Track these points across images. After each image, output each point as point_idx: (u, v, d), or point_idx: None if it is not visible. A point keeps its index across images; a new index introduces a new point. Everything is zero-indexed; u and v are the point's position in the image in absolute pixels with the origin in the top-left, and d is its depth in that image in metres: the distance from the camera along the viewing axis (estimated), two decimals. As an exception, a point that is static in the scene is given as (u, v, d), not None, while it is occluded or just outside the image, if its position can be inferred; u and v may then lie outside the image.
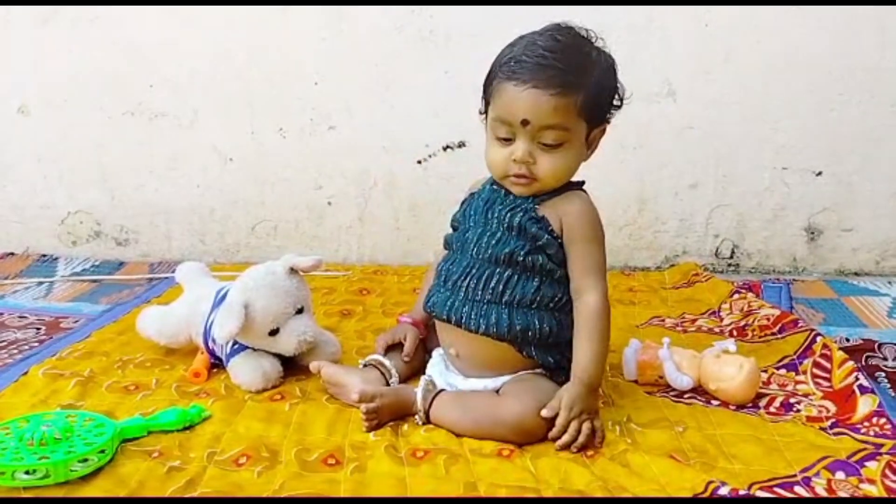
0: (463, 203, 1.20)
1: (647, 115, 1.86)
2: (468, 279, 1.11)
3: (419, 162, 1.94)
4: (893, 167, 1.83)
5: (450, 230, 1.21)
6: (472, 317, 1.10)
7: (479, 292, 1.10)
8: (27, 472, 0.94)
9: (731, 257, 1.94)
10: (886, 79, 1.78)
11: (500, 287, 1.09)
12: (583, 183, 1.15)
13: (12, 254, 2.06)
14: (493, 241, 1.10)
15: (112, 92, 1.98)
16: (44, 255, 2.06)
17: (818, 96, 1.81)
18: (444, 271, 1.16)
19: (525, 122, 1.05)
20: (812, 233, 1.89)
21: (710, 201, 1.90)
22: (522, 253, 1.08)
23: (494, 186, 1.15)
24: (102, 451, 0.99)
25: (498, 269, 1.09)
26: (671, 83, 1.84)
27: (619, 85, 1.12)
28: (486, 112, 1.13)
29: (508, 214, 1.10)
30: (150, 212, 2.05)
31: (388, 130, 1.93)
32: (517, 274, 1.09)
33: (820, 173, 1.85)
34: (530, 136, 1.06)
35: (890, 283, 1.79)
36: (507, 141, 1.08)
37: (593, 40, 1.11)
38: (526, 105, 1.04)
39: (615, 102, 1.12)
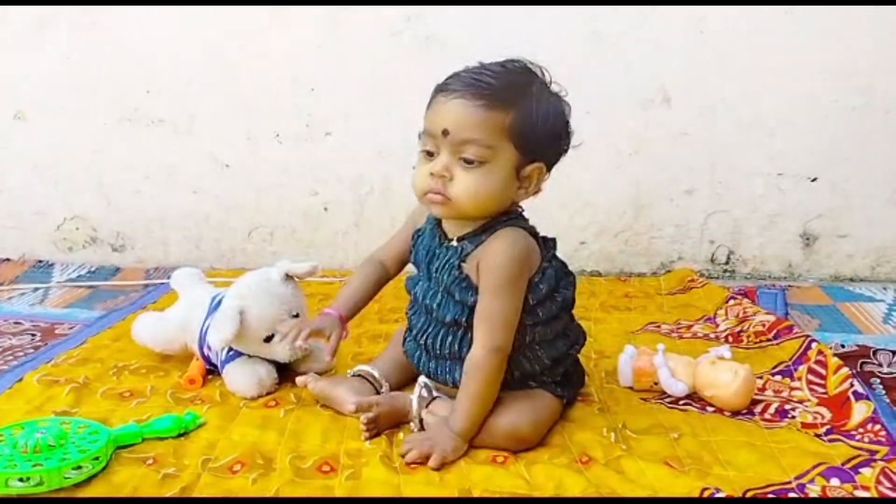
0: (414, 238, 1.16)
1: (643, 121, 1.86)
2: (426, 337, 1.10)
3: (415, 168, 1.93)
4: (888, 173, 1.84)
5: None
6: (440, 372, 1.10)
7: (439, 349, 1.09)
8: (21, 480, 0.94)
9: (727, 263, 1.94)
10: (881, 85, 1.79)
11: (456, 346, 1.07)
12: (521, 214, 1.09)
13: (8, 259, 2.06)
14: (436, 304, 1.08)
15: (109, 98, 1.98)
16: (39, 261, 2.06)
17: (813, 102, 1.82)
18: (409, 320, 1.16)
19: (445, 133, 0.99)
20: (807, 239, 1.90)
21: (705, 207, 1.91)
22: (463, 318, 1.05)
23: (431, 227, 1.12)
24: (97, 458, 0.99)
25: (451, 329, 1.07)
26: (666, 89, 1.85)
27: (568, 130, 1.06)
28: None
29: (443, 275, 1.06)
30: (146, 218, 2.05)
31: (384, 136, 1.93)
32: (468, 330, 1.05)
33: (815, 179, 1.86)
34: (451, 150, 1.00)
35: (885, 288, 1.80)
36: (431, 156, 1.03)
37: (547, 80, 1.06)
38: (449, 115, 0.99)
39: (562, 145, 1.06)
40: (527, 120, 1.01)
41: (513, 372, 1.06)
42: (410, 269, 1.20)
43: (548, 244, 1.10)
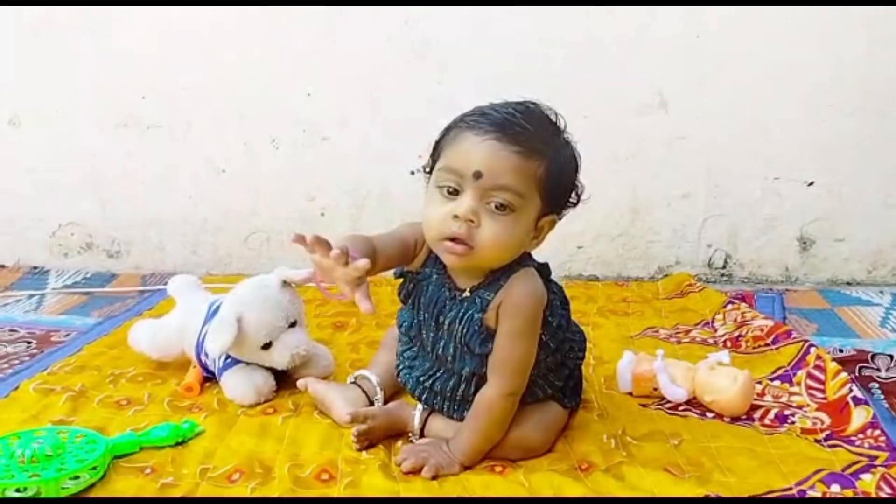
0: (406, 281, 1.07)
1: (640, 125, 1.86)
2: (433, 381, 1.06)
3: (412, 173, 1.93)
4: (885, 177, 1.84)
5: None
6: (446, 409, 1.07)
7: (449, 393, 1.05)
8: (18, 490, 0.94)
9: (724, 267, 1.94)
10: (877, 89, 1.79)
11: (471, 391, 1.03)
12: (545, 264, 1.06)
13: (3, 266, 2.05)
14: (450, 355, 1.03)
15: (104, 103, 1.98)
16: (35, 268, 2.05)
17: (809, 107, 1.82)
18: (407, 358, 1.10)
19: (478, 175, 0.93)
20: (804, 243, 1.90)
21: (702, 211, 1.91)
22: (482, 370, 1.01)
23: (438, 274, 1.05)
24: (94, 468, 0.98)
25: (464, 379, 1.04)
26: (663, 94, 1.85)
27: (579, 182, 1.03)
28: (430, 169, 1.02)
29: (458, 328, 1.01)
30: (143, 223, 2.05)
31: (380, 141, 1.93)
32: (484, 378, 1.02)
33: (812, 183, 1.86)
34: (479, 194, 0.94)
35: (882, 292, 1.80)
36: (452, 195, 0.96)
37: (562, 125, 1.01)
38: (483, 156, 0.93)
39: (572, 198, 1.03)
40: (555, 172, 0.97)
41: (525, 399, 1.04)
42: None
43: (545, 273, 1.06)
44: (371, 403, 1.17)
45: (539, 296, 1.00)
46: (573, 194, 1.03)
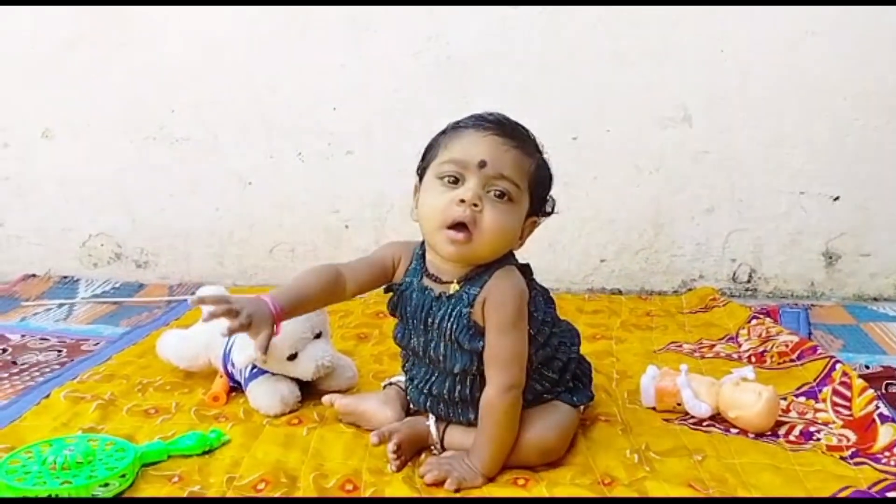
0: (393, 294, 1.11)
1: (663, 139, 1.87)
2: (430, 386, 1.09)
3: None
4: (912, 192, 1.83)
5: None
6: (452, 415, 1.09)
7: (447, 395, 1.07)
8: (49, 497, 0.95)
9: (749, 282, 1.93)
10: (904, 104, 1.78)
11: (467, 391, 1.06)
12: (526, 265, 1.09)
13: (34, 275, 2.09)
14: (441, 355, 1.05)
15: (134, 117, 2.01)
16: (65, 277, 2.08)
17: (835, 121, 1.81)
18: (407, 371, 1.14)
19: (482, 164, 0.99)
20: (830, 257, 1.89)
21: (726, 225, 1.90)
22: (474, 368, 1.04)
23: (423, 283, 1.07)
24: (123, 476, 1.00)
25: (458, 378, 1.06)
26: (687, 108, 1.85)
27: (552, 196, 1.09)
28: (422, 170, 1.06)
29: (447, 325, 1.03)
30: (170, 234, 2.08)
31: (404, 155, 1.92)
32: (478, 376, 1.04)
33: (838, 198, 1.85)
34: (483, 183, 0.99)
35: (909, 308, 1.78)
36: (453, 185, 1.00)
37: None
38: (487, 148, 1.00)
39: (547, 206, 1.08)
40: (542, 173, 1.05)
41: (526, 397, 1.06)
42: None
43: (526, 271, 1.09)
44: (408, 404, 1.18)
45: (520, 289, 1.03)
46: (549, 204, 1.09)
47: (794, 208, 1.87)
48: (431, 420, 1.10)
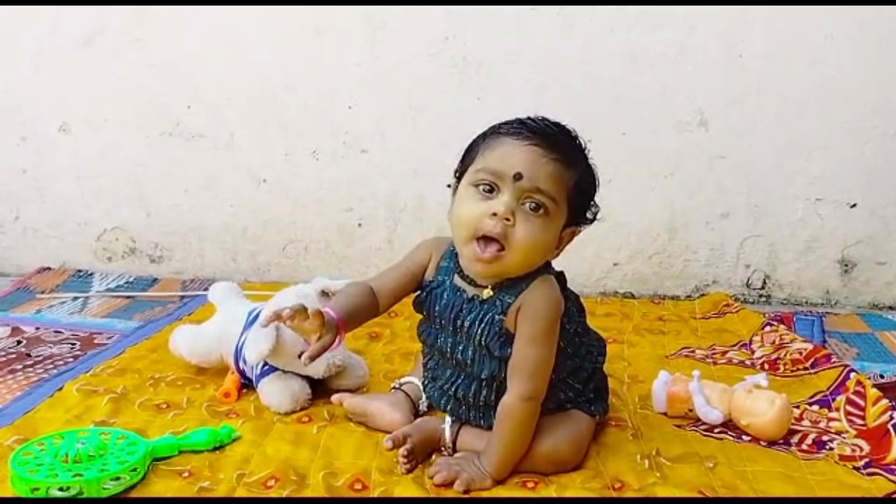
0: (420, 291, 1.10)
1: (679, 143, 1.86)
2: (455, 388, 1.08)
3: (448, 186, 1.94)
4: (929, 200, 1.81)
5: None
6: (472, 418, 1.09)
7: (472, 399, 1.06)
8: (61, 489, 0.96)
9: (763, 288, 1.92)
10: (923, 111, 1.77)
11: (493, 396, 1.05)
12: (561, 273, 1.08)
13: (49, 268, 2.10)
14: (469, 359, 1.05)
15: (151, 112, 2.02)
16: (79, 271, 2.10)
17: (852, 128, 1.80)
18: (430, 369, 1.13)
19: (518, 177, 0.96)
20: (846, 265, 1.87)
21: (741, 231, 1.89)
22: (502, 374, 1.03)
23: (455, 283, 1.06)
24: (134, 470, 1.01)
25: (485, 383, 1.05)
26: (703, 112, 1.84)
27: (595, 202, 1.06)
28: (460, 174, 1.05)
29: (478, 329, 1.02)
30: (185, 230, 2.09)
31: (418, 154, 1.95)
32: (504, 382, 1.03)
33: (854, 205, 1.84)
34: (517, 195, 0.97)
35: (925, 318, 1.76)
36: (488, 194, 0.98)
37: (585, 147, 1.05)
38: (524, 159, 0.97)
39: (589, 214, 1.06)
40: (583, 185, 1.02)
41: (548, 405, 1.05)
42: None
43: (562, 281, 1.08)
44: (416, 407, 1.18)
45: (557, 302, 1.02)
46: (591, 211, 1.07)
47: (810, 215, 1.86)
48: (448, 423, 1.10)
